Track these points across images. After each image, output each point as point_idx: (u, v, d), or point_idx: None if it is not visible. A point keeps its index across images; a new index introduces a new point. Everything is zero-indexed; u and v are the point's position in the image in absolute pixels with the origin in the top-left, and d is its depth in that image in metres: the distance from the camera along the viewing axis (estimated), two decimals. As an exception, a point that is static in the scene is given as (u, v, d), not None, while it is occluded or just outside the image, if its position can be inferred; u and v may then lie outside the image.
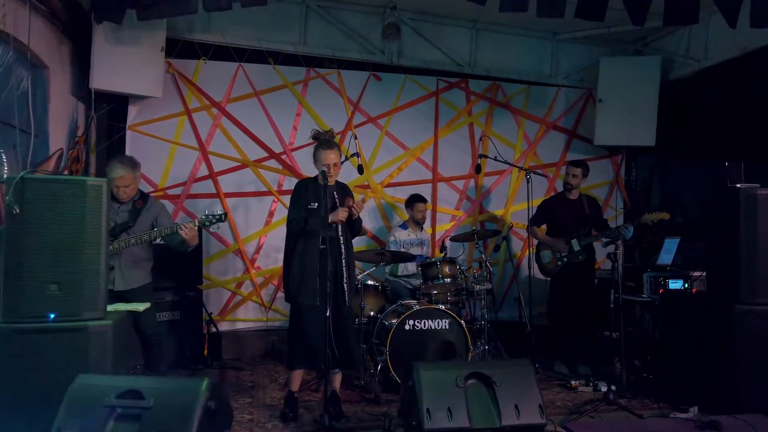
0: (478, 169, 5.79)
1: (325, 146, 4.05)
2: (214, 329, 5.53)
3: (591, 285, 5.54)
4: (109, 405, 2.70)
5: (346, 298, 4.05)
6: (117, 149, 5.58)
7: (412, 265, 5.64)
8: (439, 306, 4.77)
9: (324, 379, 3.83)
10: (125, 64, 5.09)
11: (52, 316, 3.01)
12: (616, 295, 4.60)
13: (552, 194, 6.28)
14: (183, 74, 5.78)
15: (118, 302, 3.88)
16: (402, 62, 6.32)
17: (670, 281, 5.16)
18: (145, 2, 4.24)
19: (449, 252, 5.58)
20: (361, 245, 6.07)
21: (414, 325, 4.65)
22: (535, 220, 5.62)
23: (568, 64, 6.83)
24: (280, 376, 5.15)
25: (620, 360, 4.77)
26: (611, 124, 6.41)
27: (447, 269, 5.15)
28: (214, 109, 5.90)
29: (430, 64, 6.42)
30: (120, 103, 5.61)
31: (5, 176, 3.27)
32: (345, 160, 5.36)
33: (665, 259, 5.51)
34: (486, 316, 5.23)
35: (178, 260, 4.94)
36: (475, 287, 5.29)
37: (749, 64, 5.34)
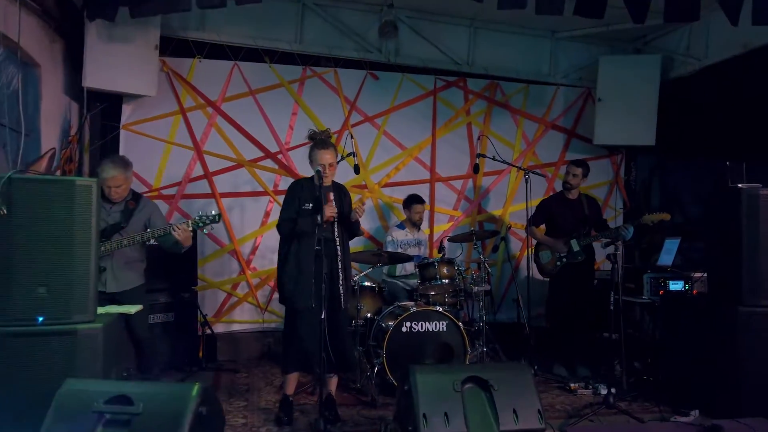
0: (476, 168, 5.73)
1: (320, 146, 3.98)
2: (209, 331, 5.46)
3: (590, 286, 5.48)
4: (98, 411, 2.63)
5: (342, 300, 3.99)
6: (111, 149, 5.52)
7: (411, 264, 5.58)
8: (437, 308, 4.70)
9: (319, 382, 3.77)
10: (118, 63, 5.03)
11: (40, 319, 2.94)
12: (616, 297, 4.53)
13: (551, 194, 6.22)
14: (177, 73, 5.72)
15: (110, 304, 3.82)
16: (399, 61, 6.26)
17: (670, 282, 5.10)
18: (138, -1, 4.18)
19: (447, 253, 5.52)
20: (358, 246, 6.00)
21: (411, 327, 4.58)
22: (534, 220, 5.56)
23: (567, 62, 6.77)
24: (276, 378, 5.08)
25: (620, 362, 4.70)
26: (611, 123, 6.35)
27: (445, 270, 5.08)
28: (209, 108, 5.83)
29: (428, 62, 6.36)
30: (114, 102, 5.54)
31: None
32: (341, 160, 5.29)
33: (665, 260, 5.44)
34: (484, 318, 5.17)
35: (173, 261, 4.87)
36: (474, 288, 5.23)
37: (751, 62, 5.28)
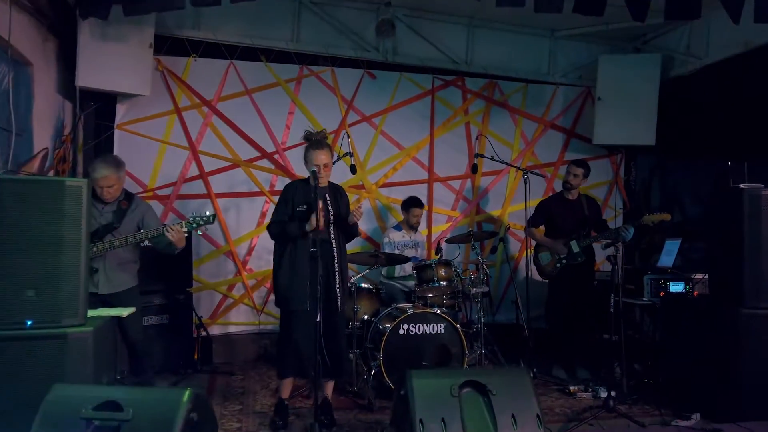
0: (474, 168, 5.67)
1: (315, 146, 3.93)
2: (204, 333, 5.40)
3: (590, 287, 5.42)
4: (86, 417, 2.56)
5: (338, 303, 3.93)
6: (105, 149, 5.46)
7: (409, 266, 5.53)
8: (435, 310, 4.64)
9: (316, 385, 3.70)
10: (112, 62, 4.96)
11: (29, 322, 2.89)
12: (616, 298, 4.47)
13: (550, 194, 6.16)
14: (172, 72, 5.65)
15: (103, 306, 3.77)
16: (397, 60, 6.19)
17: (671, 284, 5.04)
18: (131, -3, 4.12)
19: (445, 254, 5.46)
20: (355, 247, 5.94)
21: (408, 329, 4.52)
22: (533, 221, 5.50)
23: (566, 61, 6.71)
24: (272, 381, 5.02)
25: (620, 365, 4.65)
26: (610, 122, 6.29)
27: (443, 272, 5.02)
28: (205, 108, 5.77)
29: (426, 61, 6.29)
30: (108, 102, 5.48)
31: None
32: (338, 160, 5.26)
33: (666, 261, 5.39)
34: (483, 320, 5.11)
35: (167, 262, 4.80)
36: (472, 290, 5.17)
37: (752, 60, 5.22)
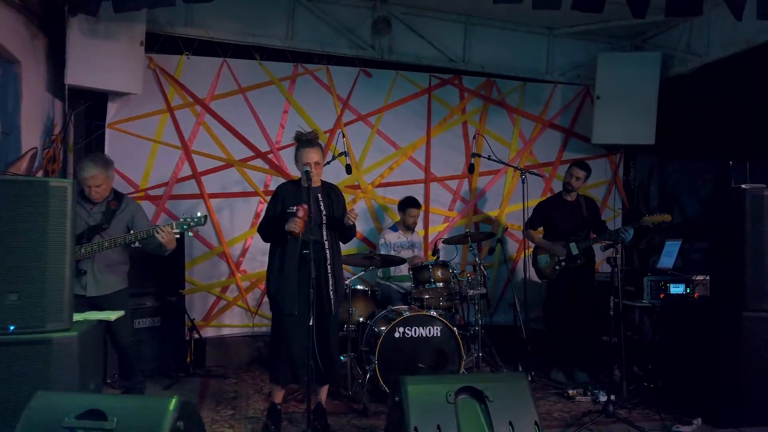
0: (471, 168, 5.60)
1: (305, 144, 3.84)
2: (197, 335, 5.31)
3: (590, 289, 5.33)
4: (69, 426, 2.47)
5: (332, 306, 3.83)
6: (96, 148, 5.37)
7: (404, 266, 5.44)
8: (431, 312, 4.56)
9: (309, 390, 3.61)
10: (102, 59, 4.86)
11: (11, 327, 2.79)
12: (616, 301, 4.39)
13: (548, 195, 6.08)
14: (165, 70, 5.55)
15: (91, 309, 3.67)
16: (393, 58, 6.11)
17: (671, 286, 4.96)
18: (120, -8, 4.03)
19: (442, 255, 5.38)
20: (350, 248, 5.86)
21: (404, 332, 4.44)
22: (531, 223, 5.41)
23: (564, 60, 6.63)
24: (265, 385, 4.93)
25: (620, 368, 4.57)
26: (609, 122, 6.22)
27: (439, 273, 4.94)
28: (198, 107, 5.67)
29: (422, 59, 6.21)
30: (99, 100, 5.38)
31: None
32: (333, 159, 5.19)
33: (666, 262, 5.31)
34: (480, 322, 5.03)
35: (159, 263, 4.72)
36: (469, 292, 5.10)
37: (753, 59, 5.14)
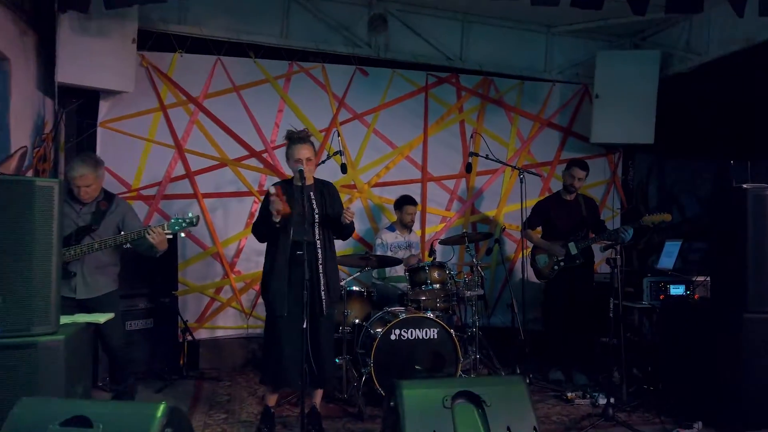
0: (468, 168, 5.53)
1: (297, 141, 3.77)
2: (190, 337, 5.23)
3: (589, 289, 5.27)
4: (53, 434, 2.40)
5: (323, 307, 3.74)
6: (88, 147, 5.29)
7: (400, 266, 5.37)
8: (428, 314, 4.49)
9: (302, 394, 3.54)
10: (94, 57, 4.78)
11: (-4, 331, 2.72)
12: (616, 302, 4.32)
13: (547, 195, 6.01)
14: (157, 68, 5.47)
15: (80, 312, 3.61)
16: (389, 56, 6.02)
17: (671, 287, 4.90)
18: (112, -11, 3.96)
19: (439, 256, 5.31)
20: (346, 248, 5.80)
21: (400, 334, 4.36)
22: (530, 223, 5.35)
23: (563, 58, 6.56)
24: (260, 388, 4.83)
25: (619, 370, 4.51)
26: (608, 121, 6.15)
27: (436, 274, 4.87)
28: (191, 105, 5.59)
29: (419, 58, 6.13)
30: (91, 99, 5.30)
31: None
32: (328, 158, 5.12)
33: (666, 263, 5.24)
34: (477, 323, 4.96)
35: (151, 264, 4.61)
36: (467, 293, 5.02)
37: (754, 57, 5.08)
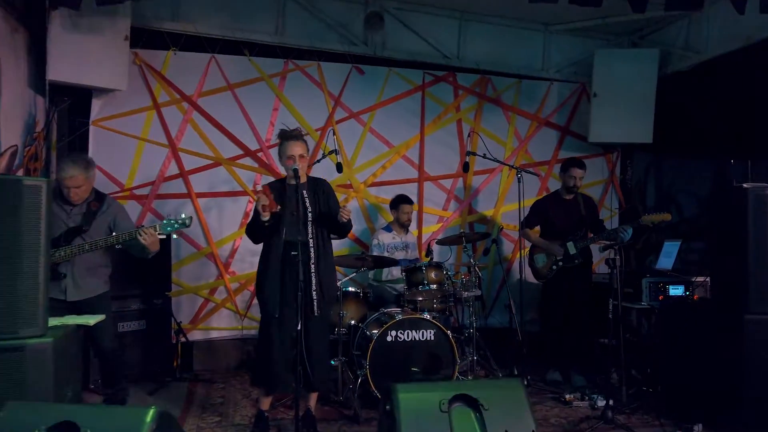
0: (466, 167, 5.47)
1: (289, 138, 3.71)
2: (183, 339, 5.16)
3: (587, 289, 5.21)
4: (39, 440, 2.34)
5: (314, 308, 3.67)
6: (80, 146, 5.22)
7: (397, 269, 5.31)
8: (425, 315, 4.44)
9: (297, 397, 3.48)
10: (85, 54, 4.72)
11: (-18, 334, 2.66)
12: (615, 303, 4.27)
13: (545, 194, 5.96)
14: (151, 66, 5.40)
15: (71, 314, 3.55)
16: (386, 54, 5.96)
17: (670, 287, 4.85)
18: (103, -15, 3.89)
19: (436, 256, 5.25)
20: (342, 249, 5.74)
21: (397, 336, 4.31)
22: (528, 222, 5.30)
23: (560, 57, 6.51)
24: (254, 390, 4.78)
25: (618, 371, 4.46)
26: (606, 120, 6.10)
27: (433, 275, 4.82)
28: (185, 104, 5.52)
29: (416, 56, 6.08)
30: (83, 97, 5.21)
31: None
32: (323, 157, 5.07)
33: (665, 263, 5.19)
34: (475, 324, 4.91)
35: (144, 265, 4.51)
36: (464, 293, 4.97)
37: (754, 55, 5.02)
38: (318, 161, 5.09)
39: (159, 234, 3.65)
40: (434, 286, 4.79)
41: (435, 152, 6.23)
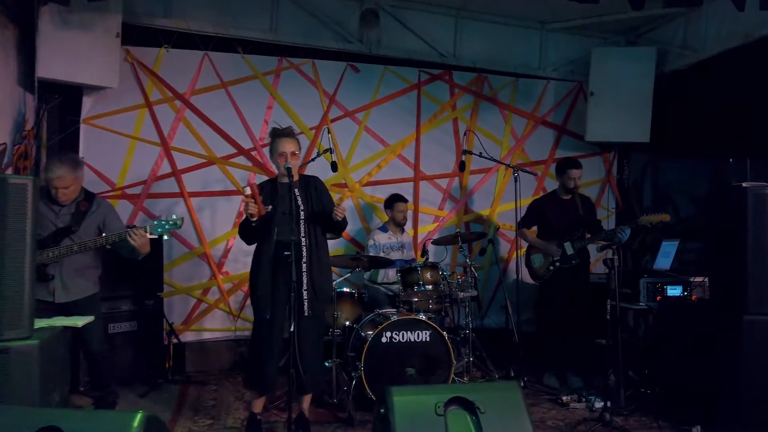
0: (462, 166, 5.42)
1: (279, 135, 3.65)
2: (176, 340, 5.09)
3: (585, 290, 5.16)
4: (23, 446, 2.27)
5: (305, 308, 3.59)
6: (71, 144, 5.14)
7: (393, 272, 5.25)
8: (420, 316, 4.37)
9: (290, 399, 3.42)
10: (76, 51, 4.65)
11: (-35, 336, 2.60)
12: (613, 303, 4.22)
13: (542, 194, 5.91)
14: (143, 63, 5.32)
15: (59, 315, 3.46)
16: (381, 52, 5.90)
17: (668, 288, 4.80)
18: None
19: (431, 256, 5.20)
20: (337, 249, 5.68)
21: (392, 337, 4.24)
22: (525, 222, 5.25)
23: (557, 55, 6.46)
24: (247, 392, 4.72)
25: (615, 372, 4.41)
26: (603, 119, 6.05)
27: (428, 275, 4.76)
28: (178, 102, 5.44)
29: (412, 54, 6.02)
30: (74, 95, 5.14)
31: None
32: (318, 156, 5.01)
33: (663, 263, 5.15)
34: (471, 325, 4.85)
35: (136, 265, 4.44)
36: (459, 294, 4.91)
37: (752, 54, 4.98)
38: (313, 160, 5.03)
39: (150, 235, 3.59)
40: (430, 287, 4.73)
41: (431, 151, 6.17)
